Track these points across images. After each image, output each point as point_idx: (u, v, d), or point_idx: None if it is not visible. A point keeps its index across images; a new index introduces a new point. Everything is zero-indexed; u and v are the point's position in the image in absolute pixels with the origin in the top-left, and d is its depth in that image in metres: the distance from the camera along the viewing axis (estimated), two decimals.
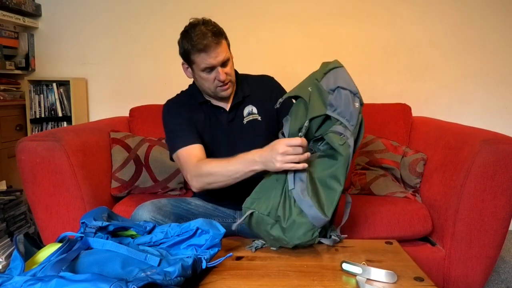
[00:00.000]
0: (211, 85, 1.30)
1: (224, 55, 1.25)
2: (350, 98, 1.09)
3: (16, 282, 0.69)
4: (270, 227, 1.05)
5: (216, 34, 1.23)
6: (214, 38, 1.22)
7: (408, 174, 1.75)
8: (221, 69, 1.26)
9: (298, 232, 1.02)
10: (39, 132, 2.13)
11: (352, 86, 1.12)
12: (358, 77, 2.36)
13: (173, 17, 2.38)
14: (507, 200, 1.39)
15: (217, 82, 1.29)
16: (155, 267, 0.83)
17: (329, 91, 1.11)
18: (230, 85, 1.33)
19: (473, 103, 2.38)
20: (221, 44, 1.25)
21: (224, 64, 1.27)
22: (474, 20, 2.33)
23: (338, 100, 1.09)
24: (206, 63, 1.24)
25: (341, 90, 1.10)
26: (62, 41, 2.44)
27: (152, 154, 1.83)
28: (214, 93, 1.33)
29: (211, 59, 1.23)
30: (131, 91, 2.44)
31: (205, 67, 1.26)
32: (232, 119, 1.39)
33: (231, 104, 1.39)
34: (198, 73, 1.29)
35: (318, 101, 1.09)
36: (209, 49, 1.22)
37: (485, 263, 1.45)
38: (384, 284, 0.89)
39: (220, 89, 1.31)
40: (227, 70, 1.29)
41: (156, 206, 1.27)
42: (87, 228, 0.94)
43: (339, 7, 2.36)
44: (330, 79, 1.13)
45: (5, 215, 1.80)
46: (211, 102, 1.39)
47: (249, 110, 1.41)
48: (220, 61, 1.25)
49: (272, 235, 1.05)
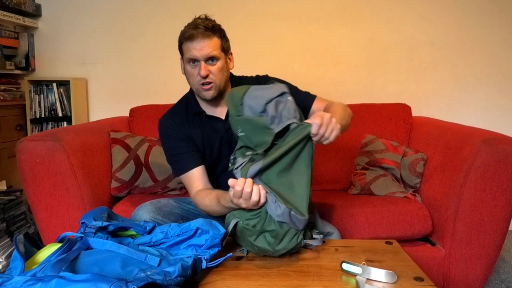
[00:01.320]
0: (195, 81, 1.26)
1: (210, 51, 1.20)
2: (280, 101, 1.03)
3: (16, 282, 0.69)
4: (254, 239, 1.00)
5: (208, 28, 1.20)
6: (204, 30, 1.19)
7: (408, 174, 1.75)
8: (203, 64, 1.21)
9: (283, 242, 0.98)
10: (39, 132, 2.13)
11: (272, 92, 1.04)
12: (358, 77, 2.40)
13: (173, 17, 2.38)
14: (507, 200, 1.39)
15: (199, 78, 1.24)
16: (155, 267, 0.83)
17: (260, 114, 1.03)
18: (212, 87, 1.26)
19: (473, 103, 2.38)
20: (210, 39, 1.21)
21: (210, 61, 1.23)
22: (474, 20, 2.34)
23: (273, 112, 1.02)
24: (190, 54, 1.21)
25: (270, 104, 1.03)
26: (62, 41, 2.44)
27: (152, 154, 1.83)
28: (198, 92, 1.29)
29: (195, 50, 1.20)
30: (131, 91, 2.44)
31: (189, 58, 1.22)
32: (230, 127, 1.36)
33: (226, 112, 1.33)
34: (186, 66, 1.26)
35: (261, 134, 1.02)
36: (194, 39, 1.19)
37: (485, 263, 1.45)
38: (384, 284, 0.89)
39: (201, 88, 1.26)
40: (212, 69, 1.23)
41: (156, 207, 1.27)
42: (87, 228, 0.94)
43: (339, 7, 2.36)
44: (251, 104, 1.05)
45: (5, 215, 1.80)
46: (205, 113, 1.34)
47: None
48: (204, 54, 1.20)
49: (257, 246, 1.00)
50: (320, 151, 1.99)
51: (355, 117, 2.06)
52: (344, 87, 2.39)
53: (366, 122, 2.02)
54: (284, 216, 0.94)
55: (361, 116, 2.03)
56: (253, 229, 0.98)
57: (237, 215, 1.02)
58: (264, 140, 1.00)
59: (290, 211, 0.94)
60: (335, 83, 2.39)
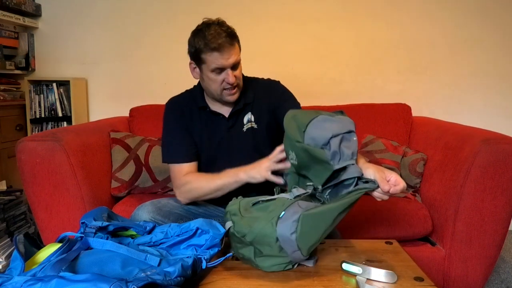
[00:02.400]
0: (218, 87, 1.26)
1: (236, 58, 1.23)
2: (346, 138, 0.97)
3: (16, 282, 0.69)
4: (241, 247, 0.95)
5: (230, 35, 1.21)
6: (228, 38, 1.20)
7: (408, 174, 1.75)
8: (231, 72, 1.23)
9: (271, 264, 0.92)
10: (39, 132, 2.13)
11: (340, 127, 0.97)
12: (358, 77, 2.40)
13: (173, 17, 2.38)
14: (507, 200, 1.39)
15: (224, 85, 1.25)
16: (155, 267, 0.83)
17: (322, 146, 0.96)
18: (237, 90, 1.29)
19: (473, 103, 2.38)
20: (235, 47, 1.23)
21: (234, 67, 1.25)
22: (474, 20, 2.34)
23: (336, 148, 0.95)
24: (217, 64, 1.21)
25: (335, 139, 0.95)
26: (62, 41, 2.44)
27: (152, 154, 1.83)
28: (220, 97, 1.29)
29: (223, 59, 1.21)
30: (131, 91, 2.44)
31: (216, 68, 1.22)
32: (232, 126, 1.36)
33: (231, 111, 1.35)
34: (207, 74, 1.25)
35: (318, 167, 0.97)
36: (222, 49, 1.19)
37: (485, 263, 1.45)
38: (384, 284, 0.88)
39: (227, 92, 1.27)
40: (237, 74, 1.26)
41: (155, 207, 1.27)
42: (87, 228, 0.94)
43: (339, 7, 2.36)
44: (315, 134, 0.97)
45: (5, 215, 1.80)
46: (210, 108, 1.35)
47: (248, 118, 1.37)
48: (231, 63, 1.22)
49: (242, 253, 0.95)
50: None
51: (355, 117, 2.06)
52: (344, 87, 2.39)
53: (366, 122, 2.02)
54: (290, 242, 0.86)
55: (361, 116, 2.03)
56: (243, 239, 0.92)
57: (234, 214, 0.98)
58: (321, 174, 0.95)
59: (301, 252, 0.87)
60: (335, 83, 2.39)
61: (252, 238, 0.90)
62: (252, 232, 0.90)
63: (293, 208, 0.89)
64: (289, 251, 0.88)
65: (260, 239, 0.89)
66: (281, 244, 0.88)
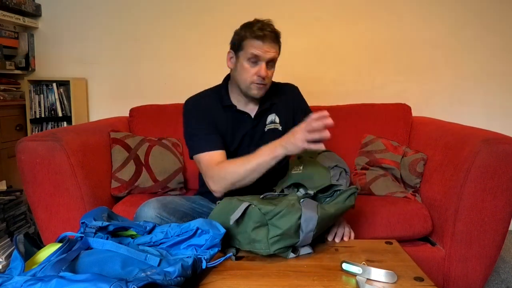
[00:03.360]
0: (249, 78, 1.29)
1: (274, 55, 1.29)
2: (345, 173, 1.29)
3: (16, 282, 0.69)
4: (252, 228, 1.02)
5: (275, 33, 1.29)
6: (273, 34, 1.27)
7: (408, 174, 1.75)
8: (265, 66, 1.28)
9: (280, 246, 1.01)
10: (39, 132, 2.13)
11: (345, 165, 1.30)
12: (358, 77, 2.40)
13: (173, 17, 2.37)
14: (507, 200, 1.39)
15: (256, 78, 1.29)
16: (155, 267, 0.83)
17: (327, 166, 1.26)
18: (264, 88, 1.33)
19: (473, 103, 2.38)
20: (276, 44, 1.30)
21: (269, 64, 1.30)
22: (474, 21, 2.34)
23: (337, 174, 1.26)
24: (255, 51, 1.25)
25: (338, 168, 1.27)
26: (62, 41, 2.44)
27: (152, 154, 1.83)
28: (246, 89, 1.32)
29: (262, 50, 1.26)
30: (131, 91, 2.44)
31: (252, 55, 1.26)
32: (256, 125, 1.41)
33: (257, 110, 1.40)
34: (242, 62, 1.29)
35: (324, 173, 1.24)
36: (265, 40, 1.25)
37: (485, 263, 1.45)
38: (384, 284, 0.89)
39: (255, 86, 1.31)
40: (269, 73, 1.31)
41: (161, 203, 1.26)
42: (87, 228, 0.94)
43: (339, 7, 2.36)
44: (327, 156, 1.32)
45: (5, 215, 1.80)
46: (236, 107, 1.39)
47: (272, 119, 1.42)
48: (268, 57, 1.27)
49: (253, 237, 1.02)
50: None
51: (355, 117, 2.07)
52: (344, 87, 2.39)
53: (366, 122, 2.02)
54: (309, 225, 1.02)
55: (361, 116, 2.03)
56: (262, 216, 1.01)
57: (251, 201, 1.07)
58: (318, 184, 1.18)
59: (313, 233, 1.04)
60: (335, 83, 2.39)
61: (279, 210, 1.01)
62: (281, 204, 1.03)
63: (308, 200, 1.08)
64: (306, 230, 1.02)
65: (286, 213, 1.01)
66: (302, 222, 1.01)
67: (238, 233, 1.05)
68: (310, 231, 1.02)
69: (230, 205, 1.09)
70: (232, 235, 1.06)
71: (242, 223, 1.04)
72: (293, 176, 1.24)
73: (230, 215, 1.03)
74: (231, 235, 1.06)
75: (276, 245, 1.00)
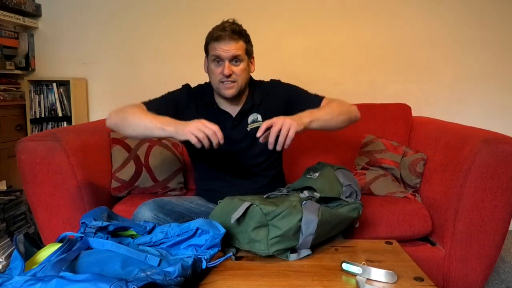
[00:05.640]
0: (216, 78, 1.33)
1: (235, 52, 1.29)
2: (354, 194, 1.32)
3: (16, 282, 0.69)
4: (252, 228, 1.02)
5: (235, 31, 1.30)
6: (231, 33, 1.28)
7: (408, 174, 1.75)
8: (228, 64, 1.29)
9: (280, 247, 1.01)
10: (39, 132, 2.13)
11: (357, 187, 1.33)
12: (358, 77, 2.40)
13: (173, 17, 2.37)
14: (507, 200, 1.39)
15: (221, 77, 1.31)
16: (155, 267, 0.83)
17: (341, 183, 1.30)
18: (234, 86, 1.33)
19: (473, 103, 2.38)
20: (236, 42, 1.30)
21: (234, 61, 1.31)
22: (474, 20, 2.33)
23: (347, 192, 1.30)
24: (215, 53, 1.29)
25: (350, 188, 1.31)
26: (62, 41, 2.44)
27: (152, 154, 1.83)
28: (218, 90, 1.36)
29: (220, 50, 1.28)
30: (131, 91, 2.44)
31: (214, 57, 1.30)
32: (237, 125, 1.41)
33: (239, 110, 1.41)
34: (209, 65, 1.34)
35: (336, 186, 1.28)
36: (221, 40, 1.28)
37: (485, 263, 1.45)
38: (384, 284, 0.89)
39: (223, 85, 1.33)
40: (236, 70, 1.31)
41: (158, 205, 1.27)
42: (87, 228, 0.94)
43: (339, 7, 2.36)
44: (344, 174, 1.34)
45: (5, 215, 1.80)
46: (218, 105, 1.40)
47: (253, 118, 1.42)
48: (229, 55, 1.29)
49: (252, 237, 1.02)
50: (320, 150, 1.99)
51: None
52: (344, 87, 2.39)
53: (366, 122, 2.02)
54: (309, 227, 1.03)
55: (361, 116, 2.03)
56: (263, 216, 1.02)
57: (251, 200, 1.07)
58: (329, 192, 1.22)
59: (313, 237, 1.04)
60: (335, 83, 2.39)
61: (280, 211, 1.02)
62: (283, 205, 1.04)
63: (310, 202, 1.09)
64: (306, 233, 1.02)
65: (287, 214, 1.02)
66: (302, 224, 1.02)
67: (238, 232, 1.06)
68: (310, 235, 1.03)
69: (231, 204, 1.09)
70: (232, 234, 1.07)
71: (243, 222, 1.04)
72: (307, 180, 1.27)
73: (231, 215, 1.03)
74: (231, 234, 1.07)
75: (275, 246, 1.00)
